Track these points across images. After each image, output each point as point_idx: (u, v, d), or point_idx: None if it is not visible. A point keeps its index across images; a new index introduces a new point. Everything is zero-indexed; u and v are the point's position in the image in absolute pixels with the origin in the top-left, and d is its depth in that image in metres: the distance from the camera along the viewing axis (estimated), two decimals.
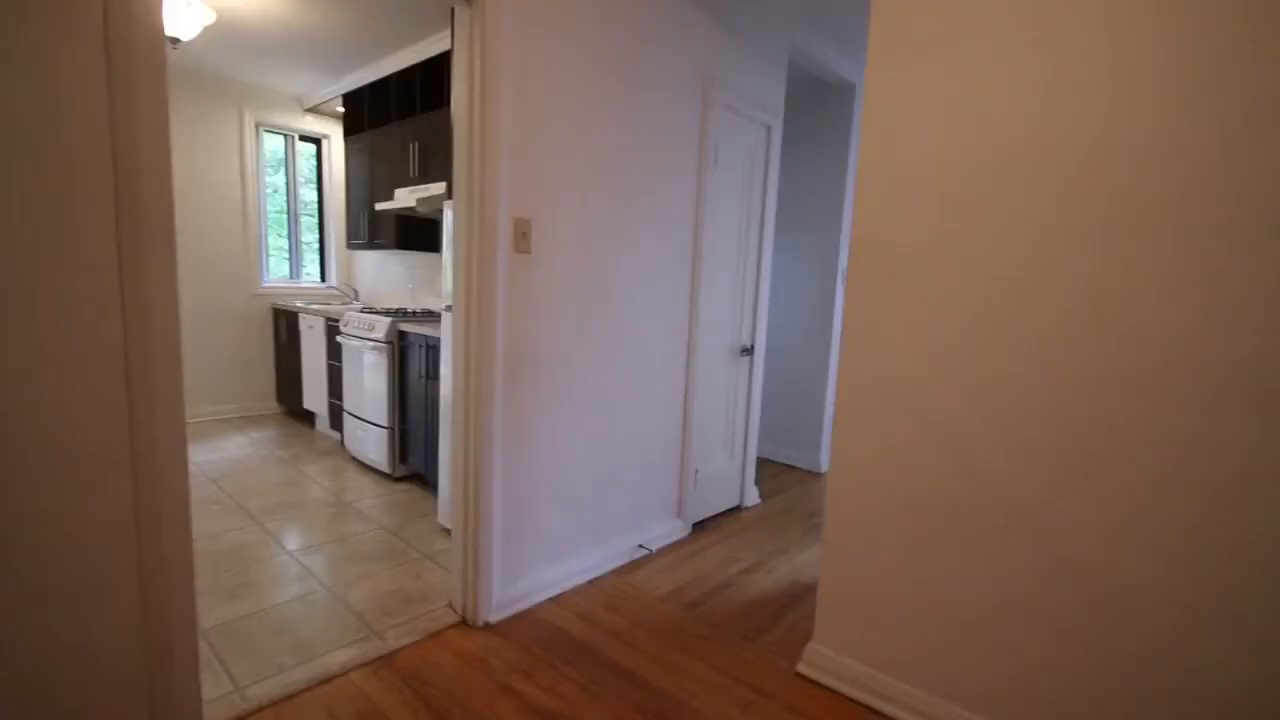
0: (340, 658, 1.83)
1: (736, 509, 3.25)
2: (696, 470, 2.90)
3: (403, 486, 3.35)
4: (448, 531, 2.74)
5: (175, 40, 2.81)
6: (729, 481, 3.18)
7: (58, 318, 1.19)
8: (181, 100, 4.21)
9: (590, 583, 2.38)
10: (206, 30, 3.37)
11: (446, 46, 3.40)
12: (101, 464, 1.27)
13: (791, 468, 4.03)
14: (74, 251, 1.20)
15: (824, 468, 3.95)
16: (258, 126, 4.58)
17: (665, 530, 2.76)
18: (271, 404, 4.87)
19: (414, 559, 2.50)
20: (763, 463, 4.03)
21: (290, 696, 1.66)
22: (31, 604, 1.21)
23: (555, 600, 2.24)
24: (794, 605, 2.29)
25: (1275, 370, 1.20)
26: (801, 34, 3.09)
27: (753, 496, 3.32)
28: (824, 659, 1.85)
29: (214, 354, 4.53)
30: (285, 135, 4.83)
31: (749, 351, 3.15)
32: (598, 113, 2.18)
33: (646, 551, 2.65)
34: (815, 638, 1.89)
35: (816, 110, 3.80)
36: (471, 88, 1.85)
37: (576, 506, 2.35)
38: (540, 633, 2.03)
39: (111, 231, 1.23)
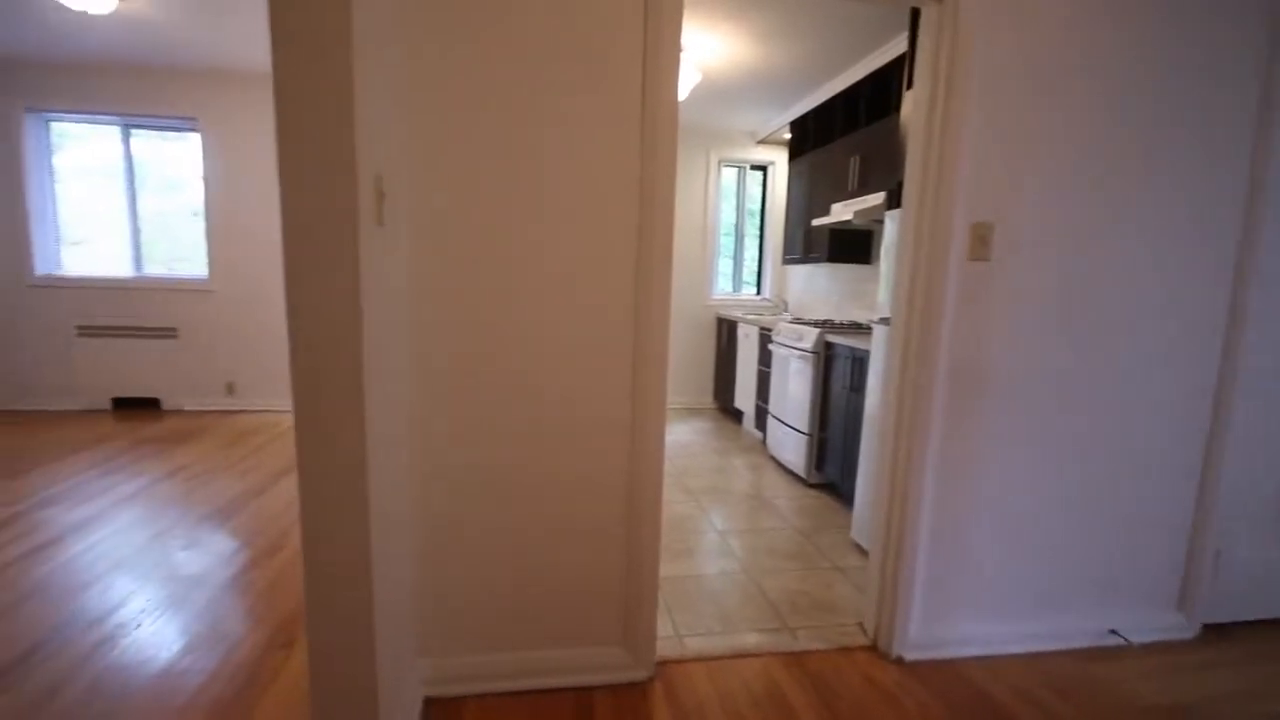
0: (754, 639, 1.98)
1: None
2: (1218, 553, 2.08)
3: (815, 493, 3.42)
4: (859, 548, 2.68)
5: None
6: None
7: (617, 327, 1.62)
8: None
9: (1032, 656, 1.96)
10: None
11: (890, 58, 3.32)
12: (615, 438, 1.67)
13: None
14: (619, 278, 1.60)
15: None
16: (719, 163, 5.38)
17: (1152, 621, 2.07)
18: (709, 400, 5.66)
19: (824, 567, 2.52)
20: None
21: (716, 658, 1.88)
22: (573, 535, 1.69)
23: (983, 662, 1.92)
24: None
25: None
26: None
27: None
28: None
29: (673, 354, 5.54)
30: (739, 167, 5.54)
31: None
32: (1083, 84, 1.77)
33: (1122, 641, 2.04)
34: None
35: None
36: (935, 86, 1.73)
37: (1021, 561, 1.97)
38: (965, 693, 1.77)
39: (633, 261, 1.61)
